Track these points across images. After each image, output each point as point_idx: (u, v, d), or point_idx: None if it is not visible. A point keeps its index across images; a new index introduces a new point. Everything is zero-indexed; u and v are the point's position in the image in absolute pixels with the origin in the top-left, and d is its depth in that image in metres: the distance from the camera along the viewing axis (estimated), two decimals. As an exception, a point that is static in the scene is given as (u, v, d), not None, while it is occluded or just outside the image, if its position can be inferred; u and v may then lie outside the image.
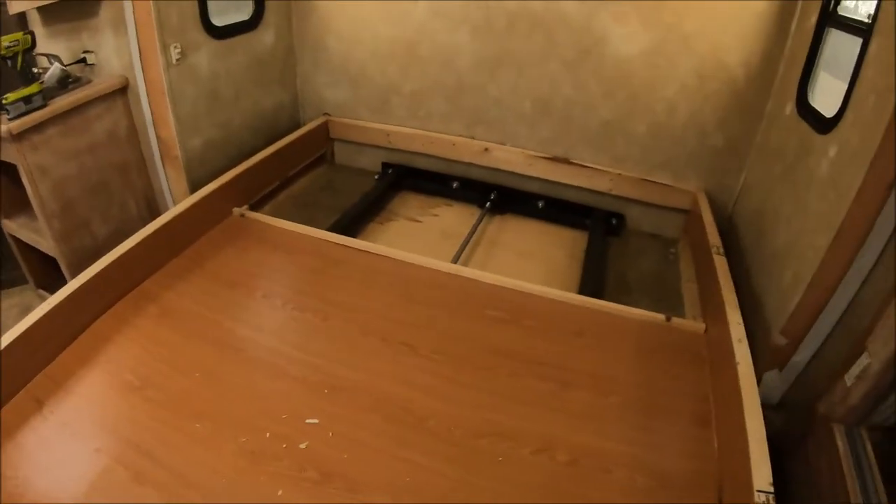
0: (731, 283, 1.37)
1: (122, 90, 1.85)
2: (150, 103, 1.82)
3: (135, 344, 1.34)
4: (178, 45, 1.70)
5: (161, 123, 1.85)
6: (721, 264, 1.45)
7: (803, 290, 1.21)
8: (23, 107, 1.46)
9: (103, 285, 1.41)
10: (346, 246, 1.70)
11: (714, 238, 1.56)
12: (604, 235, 1.91)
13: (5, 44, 1.38)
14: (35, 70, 1.67)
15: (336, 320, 1.43)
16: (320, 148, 2.46)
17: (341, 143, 2.49)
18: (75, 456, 1.08)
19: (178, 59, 1.71)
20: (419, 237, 2.02)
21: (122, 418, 1.18)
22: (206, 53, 1.85)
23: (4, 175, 1.75)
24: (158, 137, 1.91)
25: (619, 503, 1.02)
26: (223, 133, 2.06)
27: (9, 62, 1.41)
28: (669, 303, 1.61)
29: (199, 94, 1.89)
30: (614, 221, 1.96)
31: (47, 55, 1.71)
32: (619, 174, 1.88)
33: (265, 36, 2.12)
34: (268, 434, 1.12)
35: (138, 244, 1.51)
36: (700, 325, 1.41)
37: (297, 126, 2.40)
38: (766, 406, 1.31)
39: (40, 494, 1.02)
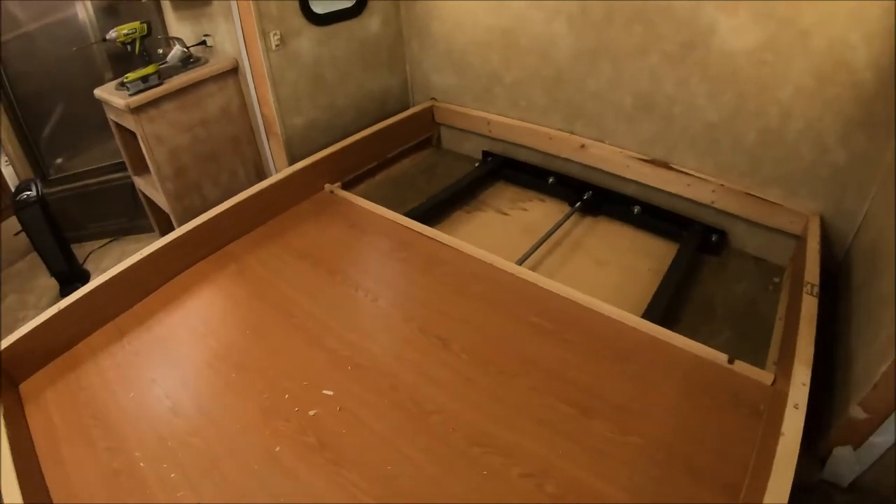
0: (813, 332, 1.25)
1: (234, 71, 2.27)
2: (254, 84, 2.21)
3: (209, 297, 1.75)
4: (278, 33, 2.03)
5: (264, 103, 2.24)
6: (809, 306, 1.32)
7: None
8: (140, 85, 1.91)
9: (192, 243, 1.84)
10: (416, 231, 1.90)
11: (812, 273, 1.43)
12: (697, 252, 1.85)
13: (124, 31, 1.84)
14: (160, 51, 2.14)
15: (384, 303, 1.64)
16: (425, 132, 2.73)
17: (448, 128, 2.72)
18: (135, 381, 1.48)
19: (277, 45, 2.05)
20: (500, 230, 2.15)
21: (180, 358, 1.55)
22: (308, 39, 2.18)
23: (133, 139, 2.27)
24: (262, 115, 2.30)
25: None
26: (327, 114, 2.42)
27: (128, 47, 1.86)
28: (755, 341, 1.53)
29: (301, 77, 2.23)
30: (714, 238, 1.87)
31: (172, 38, 2.17)
32: (723, 185, 1.79)
33: (370, 22, 2.42)
34: (286, 395, 1.37)
35: (227, 210, 1.91)
36: (768, 376, 1.31)
37: (407, 109, 2.68)
38: (833, 487, 1.24)
39: (100, 406, 1.41)
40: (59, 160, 3.78)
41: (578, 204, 2.14)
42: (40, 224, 2.92)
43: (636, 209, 2.04)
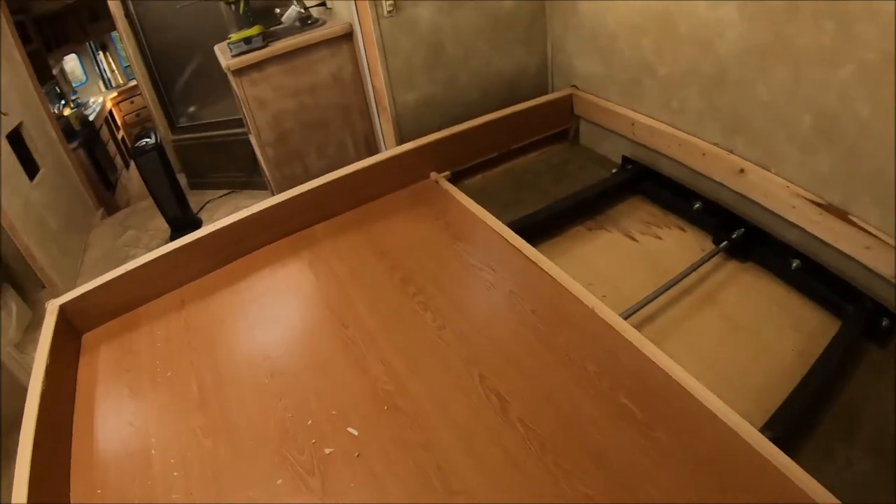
0: None
1: (348, 36, 2.32)
2: (365, 52, 2.24)
3: (273, 284, 1.84)
4: (392, -3, 2.03)
5: (374, 73, 2.26)
6: None
7: None
8: (243, 46, 2.02)
9: (275, 219, 1.95)
10: (515, 248, 1.78)
11: None
12: (860, 336, 1.52)
13: None
14: (277, 10, 2.24)
15: (450, 334, 1.54)
16: (561, 123, 2.59)
17: (588, 122, 2.55)
18: (175, 361, 1.59)
19: (390, 11, 2.04)
20: (622, 260, 1.96)
21: (222, 346, 1.64)
22: (428, 7, 2.14)
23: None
24: (373, 86, 2.34)
25: None
26: (446, 91, 2.38)
27: (232, 7, 1.96)
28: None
29: (416, 49, 2.21)
30: (885, 323, 1.52)
31: (293, -1, 2.27)
32: None
33: (505, -6, 2.33)
34: (310, 421, 1.35)
35: (320, 188, 1.99)
36: None
37: (543, 95, 2.57)
38: None
39: (138, 377, 1.56)
40: (191, 109, 4.24)
41: (725, 243, 1.88)
42: (156, 170, 3.29)
43: (795, 263, 1.73)
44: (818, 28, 1.53)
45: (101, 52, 7.34)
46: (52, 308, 1.69)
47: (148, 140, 3.15)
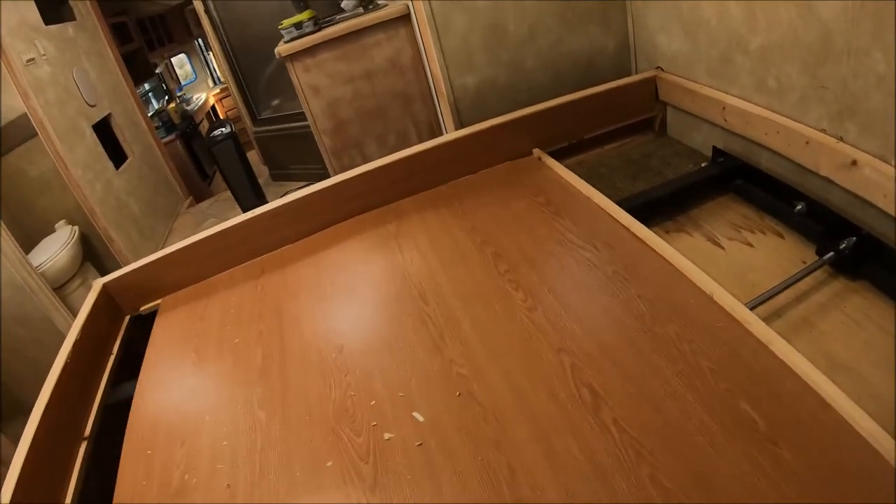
0: None
1: (405, 18, 2.18)
2: (420, 34, 2.09)
3: (353, 257, 1.85)
4: (441, -30, 1.87)
5: (430, 56, 2.12)
6: None
7: None
8: (294, 32, 1.97)
9: (353, 194, 1.96)
10: (623, 226, 1.61)
11: None
12: None
13: None
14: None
15: (540, 317, 1.39)
16: (645, 111, 2.33)
17: (676, 110, 2.27)
18: (244, 328, 1.64)
19: (440, -14, 1.89)
20: (702, 269, 1.72)
21: (292, 316, 1.64)
22: (484, -19, 1.96)
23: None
24: (430, 71, 2.19)
25: None
26: (510, 74, 2.21)
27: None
28: None
29: (474, 27, 2.05)
30: None
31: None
32: None
33: (576, -38, 2.09)
34: (373, 402, 1.28)
35: (415, 156, 1.97)
36: None
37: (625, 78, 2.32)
38: None
39: (206, 343, 1.62)
40: (274, 102, 4.32)
41: (831, 255, 1.56)
42: (231, 159, 3.35)
43: (919, 284, 1.40)
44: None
45: (210, 51, 7.75)
46: (96, 286, 1.80)
47: (223, 129, 3.22)
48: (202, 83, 7.64)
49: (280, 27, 2.10)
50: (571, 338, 1.30)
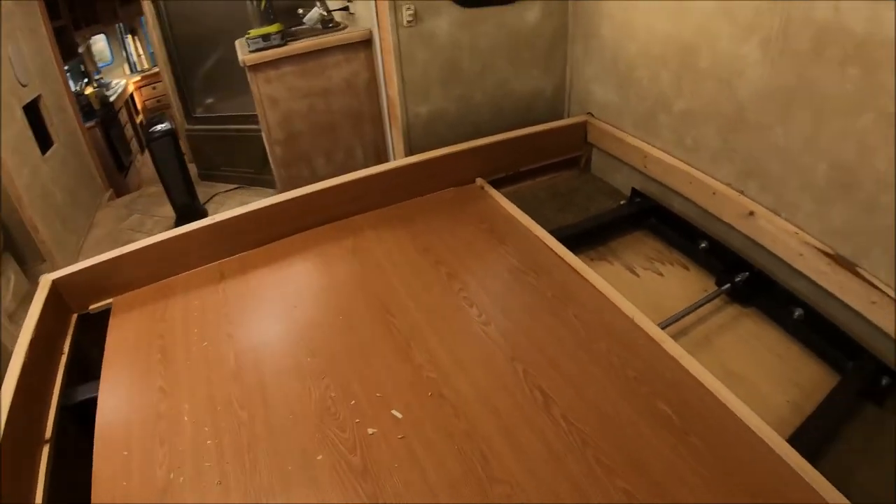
0: None
1: (366, 43, 2.27)
2: (382, 60, 2.20)
3: (314, 267, 1.87)
4: (412, 7, 1.99)
5: (389, 82, 2.21)
6: None
7: None
8: (260, 42, 2.00)
9: (314, 206, 1.97)
10: (558, 256, 1.80)
11: None
12: (859, 394, 1.47)
13: None
14: (300, 10, 2.21)
15: (494, 331, 1.54)
16: (573, 150, 2.54)
17: (601, 151, 2.50)
18: (212, 331, 1.61)
19: (409, 21, 2.01)
20: (622, 294, 1.93)
21: (262, 323, 1.65)
22: (448, 20, 2.10)
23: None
24: (387, 95, 2.29)
25: None
26: (459, 107, 2.34)
27: (254, 2, 1.93)
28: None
29: (433, 61, 2.17)
30: (885, 381, 1.47)
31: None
32: None
33: (528, 12, 2.28)
34: (353, 402, 1.35)
35: (367, 178, 2.03)
36: None
37: (557, 120, 2.52)
38: None
39: (171, 344, 1.57)
40: (209, 100, 4.21)
41: (728, 286, 1.83)
42: (168, 156, 3.26)
43: (797, 312, 1.67)
44: (842, 74, 1.47)
45: (129, 36, 7.36)
46: (44, 282, 1.69)
47: (161, 125, 3.12)
48: (118, 68, 7.22)
49: (247, 37, 2.10)
50: (522, 349, 1.47)
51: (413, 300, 1.66)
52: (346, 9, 2.30)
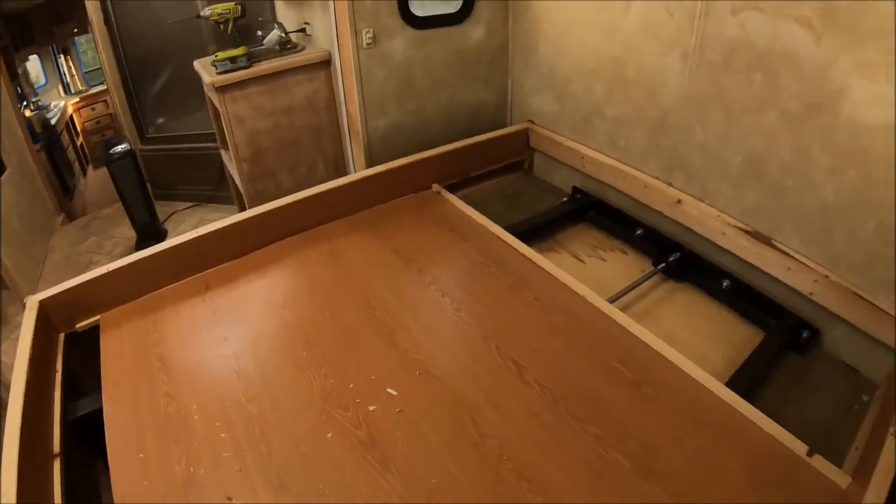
0: (888, 481, 1.10)
1: (325, 63, 2.39)
2: (342, 80, 2.32)
3: (295, 272, 1.97)
4: (371, 31, 2.12)
5: (349, 100, 2.34)
6: (889, 452, 1.15)
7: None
8: (228, 65, 2.09)
9: (289, 217, 2.06)
10: (513, 248, 2.00)
11: None
12: (782, 347, 1.71)
13: (217, 10, 2.03)
14: (259, 33, 2.31)
15: (466, 315, 1.73)
16: (517, 154, 2.74)
17: (542, 155, 2.70)
18: (207, 335, 1.68)
19: (368, 44, 2.14)
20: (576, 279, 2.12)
21: (255, 324, 1.73)
22: (402, 41, 2.25)
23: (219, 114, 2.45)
24: (347, 112, 2.41)
25: None
26: (414, 120, 2.49)
27: (221, 26, 2.03)
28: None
29: (389, 79, 2.31)
30: (805, 335, 1.71)
31: (275, 22, 2.33)
32: (828, 277, 1.63)
33: (473, 31, 2.46)
34: (351, 385, 1.48)
35: (333, 190, 2.13)
36: (844, 478, 1.22)
37: (500, 128, 2.70)
38: None
39: (169, 350, 1.62)
40: (160, 120, 4.18)
41: (663, 265, 2.05)
42: (129, 177, 3.24)
43: (725, 283, 1.91)
44: (749, 80, 1.72)
45: (61, 56, 7.11)
46: (31, 303, 1.67)
47: (121, 146, 3.11)
48: (52, 89, 6.96)
49: (215, 59, 2.17)
50: (492, 328, 1.67)
51: (391, 294, 1.81)
52: (302, 30, 2.41)
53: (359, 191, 2.20)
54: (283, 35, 2.36)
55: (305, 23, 2.42)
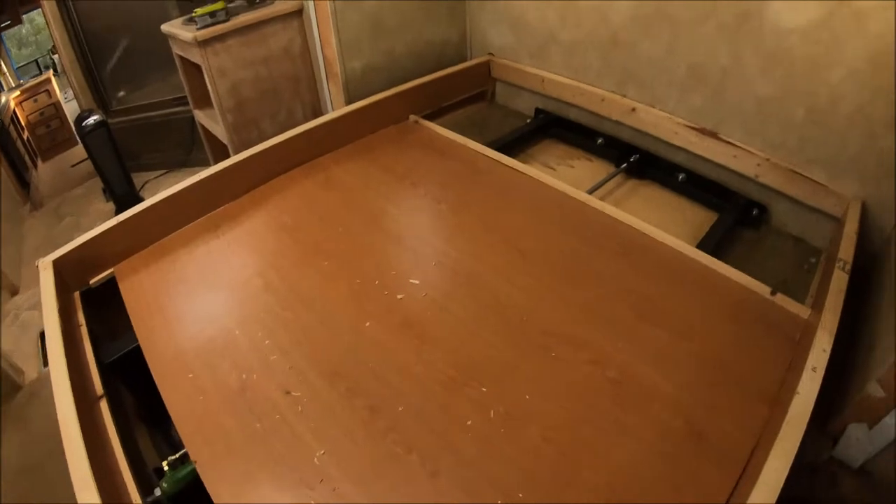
0: (840, 304, 1.34)
1: (298, 13, 2.46)
2: (318, 26, 2.39)
3: (299, 199, 2.02)
4: (344, -24, 2.20)
5: (326, 45, 2.42)
6: (839, 281, 1.40)
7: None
8: (208, 20, 2.15)
9: (284, 153, 2.12)
10: (495, 160, 2.14)
11: (846, 251, 1.51)
12: (736, 224, 1.95)
13: None
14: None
15: (466, 216, 1.86)
16: (481, 85, 2.88)
17: (503, 83, 2.85)
18: (227, 265, 1.73)
19: (343, -11, 2.23)
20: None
21: (269, 246, 1.80)
22: (373, -14, 2.34)
23: (197, 73, 2.49)
24: (324, 56, 2.49)
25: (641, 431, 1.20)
26: (386, 59, 2.59)
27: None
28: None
29: (363, 22, 2.40)
30: (755, 212, 1.96)
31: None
32: (769, 160, 1.86)
33: (433, -28, 2.55)
34: (377, 282, 1.60)
35: (319, 126, 2.20)
36: (804, 310, 1.45)
37: (464, 62, 2.83)
38: (843, 468, 1.31)
39: (193, 284, 1.67)
40: (121, 93, 4.10)
41: (625, 165, 2.26)
42: (105, 147, 3.21)
43: (681, 176, 2.14)
44: (688, -6, 1.91)
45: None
46: (45, 264, 1.64)
47: (94, 118, 3.06)
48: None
49: (195, 14, 2.20)
50: (492, 224, 1.82)
51: (392, 206, 1.94)
52: (273, -17, 2.46)
53: (344, 124, 2.29)
54: (254, -12, 2.41)
55: (275, -26, 2.46)
